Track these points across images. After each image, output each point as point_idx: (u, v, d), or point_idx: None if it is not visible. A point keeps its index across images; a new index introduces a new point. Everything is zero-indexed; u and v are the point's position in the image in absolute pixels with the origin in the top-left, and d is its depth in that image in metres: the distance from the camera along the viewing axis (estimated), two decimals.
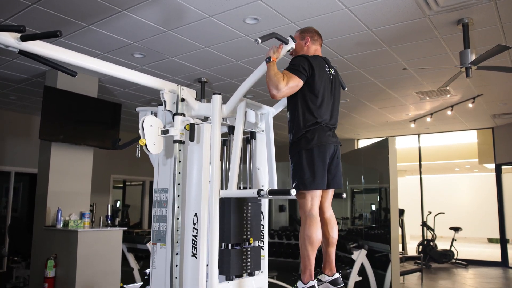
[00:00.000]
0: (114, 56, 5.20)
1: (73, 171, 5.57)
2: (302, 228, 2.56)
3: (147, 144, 2.28)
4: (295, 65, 2.60)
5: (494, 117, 8.64)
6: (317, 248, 2.54)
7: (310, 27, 2.94)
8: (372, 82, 6.23)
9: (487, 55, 3.81)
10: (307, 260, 2.53)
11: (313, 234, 2.50)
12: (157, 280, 2.36)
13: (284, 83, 2.49)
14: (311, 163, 2.54)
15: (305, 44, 2.81)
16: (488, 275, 8.27)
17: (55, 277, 4.97)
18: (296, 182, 2.54)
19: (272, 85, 2.47)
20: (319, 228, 2.55)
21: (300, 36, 2.86)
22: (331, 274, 2.71)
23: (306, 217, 2.54)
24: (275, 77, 2.48)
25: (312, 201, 2.56)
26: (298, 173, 2.54)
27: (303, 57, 2.66)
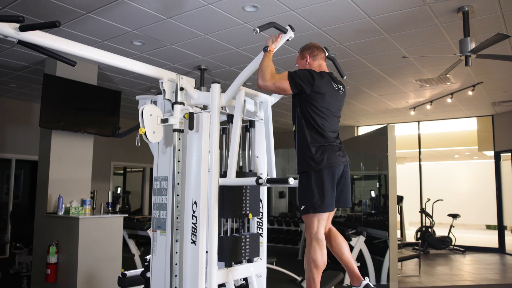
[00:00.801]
0: (113, 44, 5.19)
1: (74, 159, 5.60)
2: (307, 250, 2.57)
3: (146, 133, 2.30)
4: (297, 73, 2.57)
5: (494, 105, 8.64)
6: (322, 270, 2.56)
7: (309, 44, 2.89)
8: (372, 70, 6.23)
9: (487, 43, 3.81)
10: (312, 283, 2.55)
11: (318, 257, 2.52)
12: (157, 267, 2.40)
13: (272, 79, 2.48)
14: (320, 185, 2.52)
15: (306, 63, 2.78)
16: (485, 261, 8.36)
17: (57, 263, 5.03)
18: (305, 204, 2.53)
19: (261, 74, 2.48)
20: (325, 251, 2.57)
21: (300, 55, 2.85)
22: (359, 283, 2.72)
23: (312, 240, 2.55)
24: (266, 69, 2.49)
25: (319, 223, 2.56)
26: (308, 195, 2.52)
27: (308, 71, 2.62)
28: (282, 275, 5.70)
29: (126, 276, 2.95)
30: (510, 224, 9.57)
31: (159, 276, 2.38)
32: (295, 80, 2.53)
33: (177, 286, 2.28)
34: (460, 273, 7.17)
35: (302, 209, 2.54)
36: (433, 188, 10.99)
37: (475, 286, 6.14)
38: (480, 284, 6.26)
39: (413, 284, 6.13)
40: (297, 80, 2.53)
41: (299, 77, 2.54)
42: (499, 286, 6.19)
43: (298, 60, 2.85)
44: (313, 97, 2.56)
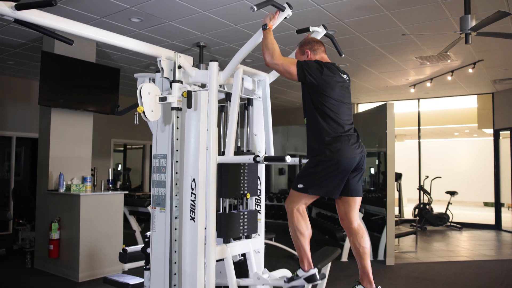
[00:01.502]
0: (111, 21, 5.14)
1: (74, 136, 5.62)
2: (290, 222, 2.60)
3: (145, 111, 2.31)
4: (306, 64, 2.56)
5: (494, 83, 8.61)
6: (309, 239, 2.61)
7: (307, 38, 2.85)
8: (371, 47, 6.18)
9: (487, 21, 3.77)
10: (302, 250, 2.60)
11: (303, 227, 2.58)
12: (157, 243, 2.45)
13: (282, 60, 2.47)
14: (329, 174, 2.54)
15: (307, 59, 2.75)
16: (481, 237, 8.48)
17: (59, 239, 5.11)
18: (304, 185, 2.54)
19: (268, 52, 2.47)
20: (308, 221, 2.62)
21: (300, 51, 2.81)
22: (369, 287, 2.74)
23: (293, 212, 2.58)
24: (272, 46, 2.47)
25: (306, 201, 2.61)
26: (312, 179, 2.55)
27: (316, 62, 2.62)
28: (280, 251, 5.80)
29: (127, 252, 3.01)
30: (507, 201, 9.66)
31: (159, 252, 2.43)
32: (304, 69, 2.52)
33: (176, 262, 2.34)
34: (456, 249, 7.29)
35: (300, 187, 2.55)
36: (432, 166, 11.05)
37: (470, 261, 6.25)
38: (475, 260, 6.37)
39: (410, 260, 6.24)
40: (305, 70, 2.52)
41: (308, 67, 2.54)
42: (494, 261, 6.30)
43: (298, 56, 2.81)
44: (323, 87, 2.56)
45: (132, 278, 3.14)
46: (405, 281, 5.05)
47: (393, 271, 5.52)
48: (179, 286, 2.34)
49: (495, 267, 5.86)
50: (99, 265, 5.06)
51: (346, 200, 2.71)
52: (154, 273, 2.45)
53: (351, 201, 2.71)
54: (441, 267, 5.81)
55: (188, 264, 2.33)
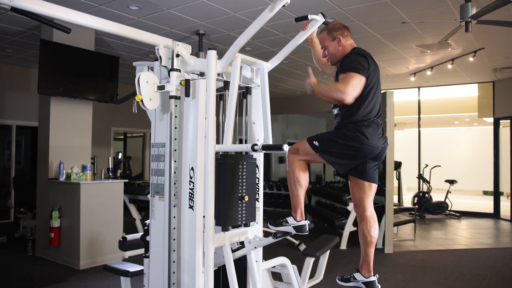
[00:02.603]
0: (110, 8, 5.11)
1: (73, 125, 5.63)
2: (291, 170, 2.61)
3: (143, 100, 2.31)
4: (354, 62, 2.56)
5: (495, 71, 8.58)
6: (305, 190, 2.65)
7: (335, 24, 2.82)
8: (371, 35, 6.15)
9: (488, 9, 3.75)
10: (297, 200, 2.62)
11: (302, 179, 2.61)
12: (156, 231, 2.47)
13: (343, 85, 2.46)
14: (348, 151, 2.56)
15: (338, 44, 2.75)
16: (480, 225, 8.52)
17: (60, 227, 5.15)
18: (322, 147, 2.55)
19: (335, 94, 2.46)
20: (307, 174, 2.64)
21: (329, 36, 2.77)
22: (368, 275, 2.77)
23: (295, 162, 2.60)
24: (331, 87, 2.49)
25: (311, 158, 2.62)
26: (329, 143, 2.57)
27: (358, 55, 2.62)
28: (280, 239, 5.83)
29: (127, 240, 3.04)
30: (506, 190, 9.69)
31: (158, 240, 2.45)
32: (359, 68, 2.54)
33: (175, 249, 2.36)
34: (454, 238, 7.33)
35: (314, 144, 2.56)
36: (432, 154, 11.07)
37: (468, 250, 6.29)
38: (473, 248, 6.41)
39: (408, 248, 6.29)
40: (360, 68, 2.54)
41: (359, 64, 2.56)
42: (492, 250, 6.34)
43: (327, 42, 2.78)
44: (369, 78, 2.59)
45: (132, 265, 3.17)
46: (403, 269, 5.10)
47: (392, 259, 5.56)
48: (178, 273, 2.36)
49: (493, 255, 5.91)
50: (100, 253, 5.11)
51: (362, 185, 2.74)
52: (153, 260, 2.48)
53: (367, 187, 2.74)
54: (439, 255, 5.85)
55: (187, 252, 2.35)
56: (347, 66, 2.59)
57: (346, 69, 2.57)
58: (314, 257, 3.59)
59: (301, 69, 8.56)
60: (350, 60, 2.62)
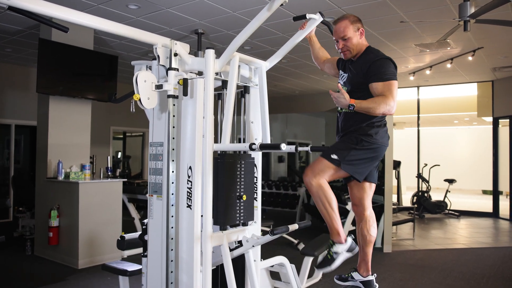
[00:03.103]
0: (108, 8, 5.11)
1: (72, 124, 5.63)
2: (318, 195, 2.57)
3: (141, 99, 2.31)
4: (389, 71, 2.59)
5: (494, 70, 8.58)
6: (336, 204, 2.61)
7: (355, 16, 2.82)
8: (370, 34, 6.15)
9: (486, 8, 3.75)
10: (336, 222, 2.61)
11: (333, 200, 2.58)
12: (154, 230, 2.47)
13: (390, 97, 2.49)
14: (367, 156, 2.59)
15: (361, 38, 2.77)
16: (479, 225, 8.53)
17: (59, 226, 5.15)
18: (342, 158, 2.54)
19: (383, 109, 2.47)
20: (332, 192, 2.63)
21: (353, 27, 2.75)
22: (366, 275, 2.77)
23: (321, 183, 2.55)
24: (377, 102, 2.48)
25: (332, 175, 2.59)
26: (352, 155, 2.57)
27: (389, 59, 2.65)
28: (279, 238, 5.80)
29: (125, 239, 3.03)
30: (505, 189, 9.70)
31: (156, 239, 2.45)
32: (395, 74, 2.61)
33: (173, 249, 2.35)
34: (453, 237, 7.34)
35: (333, 158, 2.54)
36: (431, 153, 11.07)
37: (467, 249, 6.30)
38: (472, 247, 6.42)
39: (407, 247, 6.29)
40: (395, 74, 2.61)
41: (396, 72, 2.63)
42: (491, 249, 6.35)
43: (350, 32, 2.74)
44: None
45: (131, 265, 3.17)
46: (401, 268, 5.10)
47: (390, 258, 5.57)
48: (176, 272, 2.36)
49: (492, 254, 5.91)
50: (98, 252, 5.11)
51: (363, 186, 2.75)
52: (151, 259, 2.47)
53: (368, 187, 2.76)
54: (438, 255, 5.86)
55: (185, 251, 2.34)
56: (384, 73, 2.58)
57: (384, 76, 2.57)
58: (312, 256, 3.58)
59: (300, 68, 8.55)
60: (383, 66, 2.61)
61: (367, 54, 2.73)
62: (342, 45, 2.77)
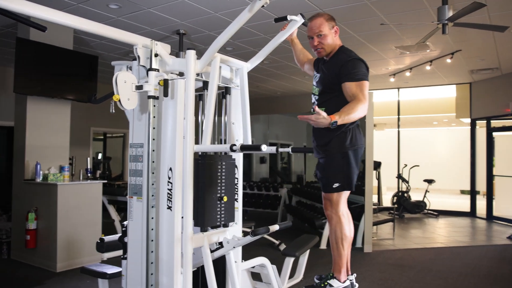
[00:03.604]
0: (88, 7, 5.04)
1: (51, 125, 5.53)
2: (335, 228, 2.68)
3: (121, 100, 2.28)
4: (361, 72, 2.61)
5: (472, 73, 8.76)
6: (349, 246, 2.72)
7: (330, 15, 2.85)
8: (351, 36, 6.21)
9: (463, 12, 3.83)
10: (343, 259, 2.70)
11: (349, 232, 2.68)
12: (134, 232, 2.45)
13: (362, 99, 2.52)
14: (355, 164, 2.65)
15: (335, 36, 2.79)
16: (457, 224, 8.69)
17: (36, 229, 5.06)
18: (340, 182, 2.63)
19: (361, 112, 2.51)
20: (351, 220, 2.73)
21: (328, 24, 2.78)
22: (344, 279, 2.79)
23: (339, 217, 2.68)
24: (354, 108, 2.49)
25: (345, 200, 2.72)
26: (346, 173, 2.64)
27: (360, 60, 2.67)
28: (260, 239, 5.80)
29: (104, 241, 3.00)
30: (482, 189, 9.91)
31: (136, 241, 2.42)
32: (366, 74, 2.63)
33: (153, 251, 2.34)
34: (432, 236, 7.46)
35: (337, 187, 2.64)
36: (411, 154, 11.23)
37: (445, 248, 6.41)
38: (450, 246, 6.54)
39: (387, 247, 6.37)
40: (366, 74, 2.63)
41: (367, 72, 2.65)
42: (468, 247, 6.47)
43: (326, 29, 2.76)
44: None
45: (111, 267, 3.13)
46: (381, 267, 5.16)
47: (371, 258, 5.63)
48: (156, 275, 2.34)
49: (469, 253, 6.03)
50: (78, 255, 5.03)
51: None
52: (131, 262, 2.45)
53: None
54: (417, 254, 5.95)
55: (165, 253, 2.33)
56: (356, 73, 2.61)
57: (356, 77, 2.59)
58: (294, 257, 3.60)
59: (281, 69, 8.58)
60: (355, 66, 2.63)
61: (339, 54, 2.76)
62: (317, 42, 2.79)
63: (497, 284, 4.51)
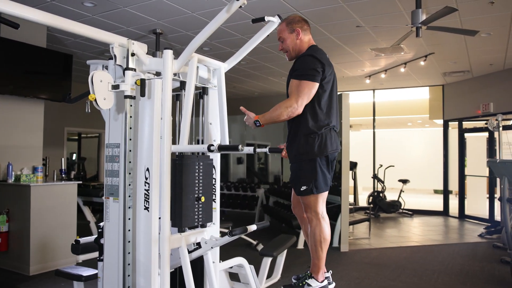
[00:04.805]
0: (62, 4, 4.95)
1: (23, 124, 5.40)
2: (314, 231, 2.67)
3: (97, 99, 2.25)
4: (305, 69, 2.53)
5: (444, 75, 8.97)
6: (327, 248, 2.73)
7: (295, 16, 2.80)
8: (328, 38, 6.28)
9: (436, 16, 3.92)
10: (321, 261, 2.70)
11: (327, 235, 2.67)
12: (110, 233, 2.42)
13: (293, 100, 2.47)
14: (323, 168, 2.63)
15: (297, 37, 2.72)
16: (431, 223, 8.88)
17: (8, 231, 4.93)
18: (307, 185, 2.61)
19: (285, 113, 2.48)
20: (329, 223, 2.72)
21: (288, 28, 2.74)
22: (322, 278, 2.81)
23: (319, 220, 2.66)
24: (278, 109, 2.48)
25: (323, 203, 2.69)
26: (312, 178, 2.62)
27: (311, 57, 2.58)
28: (238, 239, 5.80)
29: (80, 243, 2.95)
30: (454, 188, 10.15)
31: (113, 242, 2.39)
32: (311, 74, 2.53)
33: (130, 252, 2.31)
34: (407, 235, 7.60)
35: (304, 189, 2.63)
36: (386, 155, 11.42)
37: (419, 246, 6.55)
38: (424, 244, 6.68)
39: (363, 246, 6.46)
40: (313, 73, 2.53)
41: (311, 69, 2.54)
42: (441, 246, 6.63)
43: (285, 33, 2.75)
44: (322, 84, 2.60)
45: (86, 269, 3.08)
46: (358, 266, 5.23)
47: (347, 257, 5.70)
48: (133, 276, 2.32)
49: (442, 251, 6.17)
50: (52, 258, 4.93)
51: None
52: (108, 264, 2.42)
53: None
54: (393, 252, 6.05)
55: (142, 254, 2.31)
56: (301, 70, 2.58)
57: (298, 75, 2.57)
58: (271, 257, 3.61)
59: (259, 70, 8.61)
60: (304, 63, 2.60)
61: (304, 54, 2.74)
62: (280, 47, 2.83)
63: (469, 280, 4.63)
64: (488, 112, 8.56)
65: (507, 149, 8.02)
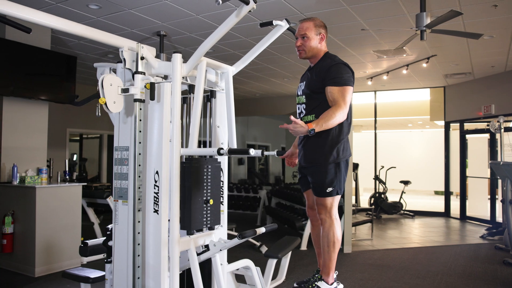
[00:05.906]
0: (67, 7, 4.97)
1: (28, 126, 5.42)
2: (328, 231, 2.78)
3: (107, 103, 2.27)
4: (345, 77, 2.71)
5: (446, 77, 8.99)
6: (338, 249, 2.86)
7: (321, 21, 2.94)
8: (331, 40, 6.30)
9: (441, 19, 3.94)
10: (333, 262, 2.81)
11: (340, 236, 2.80)
12: (120, 236, 2.43)
13: (343, 106, 2.62)
14: (345, 172, 2.81)
15: (320, 42, 2.89)
16: (432, 224, 8.90)
17: (13, 233, 4.94)
18: (333, 187, 2.76)
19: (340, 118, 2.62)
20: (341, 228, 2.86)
21: (316, 30, 2.88)
22: (332, 281, 2.92)
23: (333, 220, 2.78)
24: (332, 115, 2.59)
25: (337, 205, 2.83)
26: (337, 180, 2.77)
27: (346, 65, 2.78)
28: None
29: (88, 245, 2.97)
30: (455, 190, 10.17)
31: (122, 245, 2.41)
32: (350, 79, 2.73)
33: (140, 254, 2.33)
34: (408, 236, 7.62)
35: (330, 191, 2.76)
36: (387, 156, 11.43)
37: (421, 248, 6.56)
38: (426, 246, 6.69)
39: (366, 248, 6.48)
40: (350, 79, 2.74)
41: (348, 76, 2.74)
42: (443, 247, 6.64)
43: (311, 33, 2.87)
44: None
45: (93, 271, 3.10)
46: (361, 268, 5.25)
47: (350, 258, 5.71)
48: (143, 278, 2.34)
49: (444, 252, 6.19)
50: (57, 259, 4.94)
51: None
52: (117, 266, 2.44)
53: None
54: (395, 254, 6.07)
55: (152, 257, 2.33)
56: (340, 78, 2.70)
57: (339, 81, 2.69)
58: (276, 259, 3.63)
59: (261, 71, 8.63)
60: (340, 71, 2.73)
61: (325, 59, 2.84)
62: (300, 43, 2.91)
63: (472, 282, 4.65)
64: (490, 114, 8.59)
65: (509, 150, 8.06)
